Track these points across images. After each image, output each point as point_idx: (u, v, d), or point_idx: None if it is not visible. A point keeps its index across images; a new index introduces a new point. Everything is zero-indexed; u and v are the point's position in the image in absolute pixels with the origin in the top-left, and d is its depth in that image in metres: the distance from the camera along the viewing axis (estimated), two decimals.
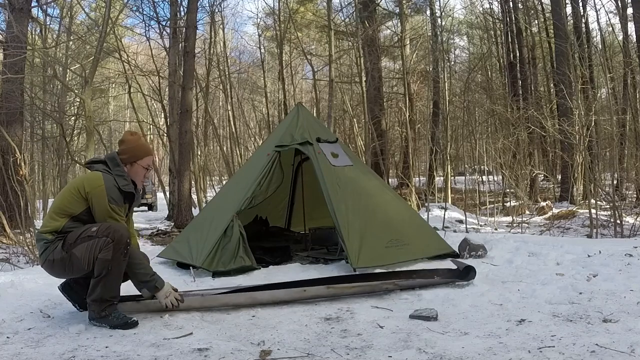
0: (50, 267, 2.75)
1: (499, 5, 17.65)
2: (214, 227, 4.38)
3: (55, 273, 2.79)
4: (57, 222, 2.76)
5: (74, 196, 2.77)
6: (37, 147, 17.77)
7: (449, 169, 15.04)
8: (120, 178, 2.81)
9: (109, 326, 2.65)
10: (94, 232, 2.68)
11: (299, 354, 2.26)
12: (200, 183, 17.14)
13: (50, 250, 2.71)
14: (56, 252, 2.69)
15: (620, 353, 2.07)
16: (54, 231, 2.74)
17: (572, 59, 11.85)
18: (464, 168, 22.83)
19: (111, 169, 2.83)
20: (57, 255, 2.69)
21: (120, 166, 2.86)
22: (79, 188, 2.77)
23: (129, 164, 2.89)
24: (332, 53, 13.36)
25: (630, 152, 11.58)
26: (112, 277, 2.71)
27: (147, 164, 2.95)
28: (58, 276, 2.83)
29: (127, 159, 2.89)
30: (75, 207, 2.76)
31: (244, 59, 23.50)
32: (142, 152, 2.94)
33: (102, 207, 2.74)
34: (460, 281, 3.37)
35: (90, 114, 8.97)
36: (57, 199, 2.93)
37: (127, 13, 17.85)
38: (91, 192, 2.74)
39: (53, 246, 2.71)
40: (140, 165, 2.92)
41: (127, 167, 2.89)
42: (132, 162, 2.90)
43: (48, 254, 2.71)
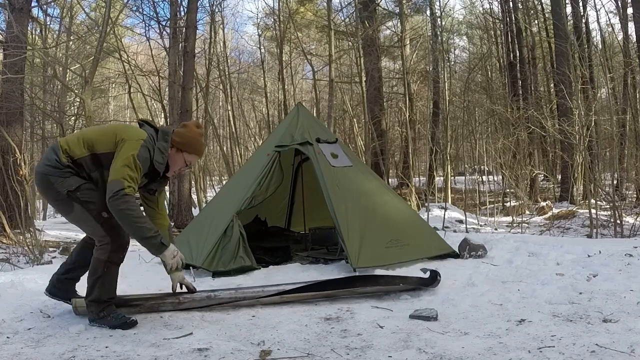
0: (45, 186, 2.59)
1: (499, 5, 17.65)
2: (214, 227, 4.38)
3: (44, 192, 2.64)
4: (79, 150, 2.60)
5: (108, 134, 2.63)
6: (37, 147, 17.76)
7: (449, 169, 15.03)
8: (158, 153, 2.66)
9: (108, 327, 2.63)
10: (103, 220, 2.58)
11: (299, 354, 2.26)
12: (200, 183, 17.14)
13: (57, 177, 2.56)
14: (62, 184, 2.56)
15: (620, 353, 2.07)
16: (71, 156, 2.59)
17: (572, 59, 11.84)
18: (464, 168, 22.83)
19: (156, 141, 2.69)
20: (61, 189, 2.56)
21: (167, 144, 2.71)
22: (117, 132, 2.64)
23: (177, 149, 2.74)
24: (332, 53, 13.37)
25: (630, 152, 11.58)
26: (109, 277, 2.67)
27: (190, 161, 2.81)
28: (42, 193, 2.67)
29: (178, 143, 2.74)
30: (102, 145, 2.60)
31: (244, 59, 23.51)
32: (195, 148, 2.79)
33: (124, 160, 2.54)
34: (426, 287, 3.29)
35: (90, 114, 8.97)
36: (89, 130, 2.80)
37: (127, 13, 17.85)
38: (125, 140, 2.58)
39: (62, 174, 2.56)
40: (184, 157, 2.77)
41: (172, 150, 2.74)
42: (180, 150, 2.75)
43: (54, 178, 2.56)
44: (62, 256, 7.19)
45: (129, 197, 2.51)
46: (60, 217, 18.36)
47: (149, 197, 2.92)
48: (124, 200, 2.50)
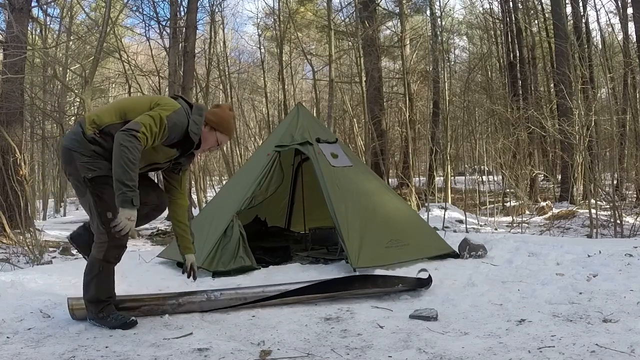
0: (67, 161, 2.55)
1: (499, 5, 17.66)
2: (214, 227, 4.38)
3: (65, 166, 2.59)
4: (109, 117, 2.55)
5: (142, 102, 2.62)
6: (37, 147, 17.78)
7: (449, 169, 15.03)
8: (193, 124, 2.64)
9: (108, 327, 2.63)
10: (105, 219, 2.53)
11: (299, 354, 2.26)
12: (200, 183, 17.15)
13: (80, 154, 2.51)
14: (83, 167, 2.51)
15: (620, 353, 2.07)
16: (99, 125, 2.53)
17: (572, 59, 11.84)
18: (464, 168, 22.83)
19: (191, 114, 2.66)
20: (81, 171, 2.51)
21: (202, 118, 2.69)
22: (152, 99, 2.64)
23: (210, 127, 2.73)
24: (332, 53, 13.37)
25: (630, 152, 11.57)
26: (104, 276, 2.63)
27: (222, 140, 2.80)
28: (63, 167, 2.63)
29: (212, 121, 2.72)
30: (135, 112, 2.55)
31: (244, 59, 23.51)
32: (227, 129, 2.78)
33: (152, 114, 2.50)
34: (421, 288, 3.28)
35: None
36: (122, 100, 2.79)
37: (127, 13, 17.84)
38: (160, 104, 2.57)
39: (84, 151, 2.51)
40: (217, 136, 2.75)
41: (205, 128, 2.72)
42: (213, 128, 2.73)
43: (77, 155, 2.51)
44: (62, 256, 7.20)
45: (137, 141, 2.43)
46: (60, 217, 18.39)
47: (173, 176, 2.90)
48: (130, 140, 2.42)
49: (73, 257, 7.24)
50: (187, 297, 3.00)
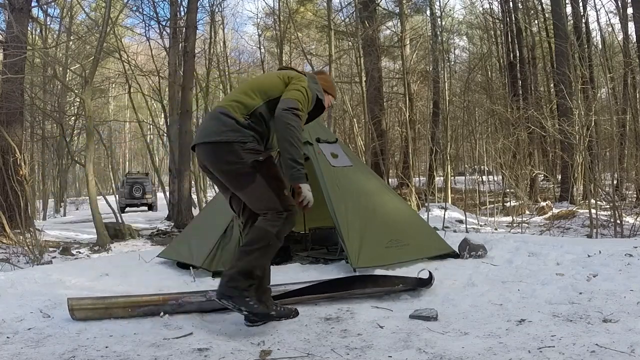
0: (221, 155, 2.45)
1: (499, 5, 17.68)
2: (214, 227, 4.38)
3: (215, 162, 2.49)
4: (253, 100, 2.50)
5: (273, 79, 2.62)
6: (37, 147, 17.80)
7: (449, 169, 15.05)
8: (318, 91, 2.70)
9: (249, 311, 2.40)
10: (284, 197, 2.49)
11: (299, 354, 2.26)
12: (200, 183, 17.16)
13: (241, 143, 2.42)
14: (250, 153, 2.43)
15: (620, 353, 2.07)
16: (247, 112, 2.47)
17: (572, 59, 11.85)
18: (464, 168, 22.85)
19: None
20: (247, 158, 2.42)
21: (319, 85, 2.75)
22: (279, 75, 2.66)
23: (324, 91, 2.82)
24: (332, 53, 13.38)
25: (630, 152, 11.58)
26: (269, 252, 2.49)
27: (330, 102, 2.90)
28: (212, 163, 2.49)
29: (325, 85, 2.82)
30: (274, 89, 2.54)
31: (244, 59, 23.54)
32: (335, 91, 2.95)
33: (299, 88, 2.53)
34: (422, 287, 3.28)
35: (90, 114, 8.98)
36: (249, 83, 2.74)
37: (127, 13, 17.88)
38: (293, 78, 2.61)
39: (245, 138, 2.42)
40: (327, 97, 2.85)
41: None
42: (326, 92, 2.84)
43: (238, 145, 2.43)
44: (62, 256, 7.20)
45: (299, 119, 2.45)
46: (60, 217, 18.38)
47: None
48: (295, 119, 2.43)
49: (73, 257, 7.24)
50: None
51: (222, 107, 2.53)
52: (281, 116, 2.42)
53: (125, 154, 38.76)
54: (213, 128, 2.50)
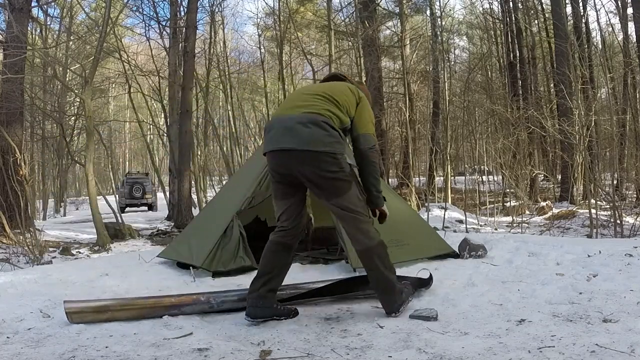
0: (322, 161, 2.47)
1: (499, 5, 17.68)
2: (214, 227, 4.38)
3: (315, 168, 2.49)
4: (346, 117, 2.57)
5: (350, 96, 2.63)
6: (37, 147, 17.81)
7: (449, 169, 15.05)
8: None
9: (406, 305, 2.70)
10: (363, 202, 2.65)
11: (299, 354, 2.26)
12: (200, 183, 17.17)
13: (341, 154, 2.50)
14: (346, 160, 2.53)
15: (620, 353, 2.07)
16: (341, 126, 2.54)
17: (572, 59, 11.85)
18: (464, 168, 22.85)
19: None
20: (346, 166, 2.53)
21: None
22: (354, 91, 2.68)
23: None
24: (332, 53, 13.39)
25: (630, 152, 11.58)
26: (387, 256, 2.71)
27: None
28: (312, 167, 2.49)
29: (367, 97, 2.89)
30: (351, 108, 2.61)
31: (244, 59, 23.57)
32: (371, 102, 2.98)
33: (370, 116, 2.68)
34: (421, 288, 3.27)
35: (90, 114, 8.98)
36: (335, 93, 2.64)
37: (127, 13, 17.89)
38: (362, 98, 2.68)
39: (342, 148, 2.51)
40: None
41: None
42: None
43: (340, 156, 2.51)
44: (62, 256, 7.20)
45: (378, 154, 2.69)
46: (60, 217, 18.39)
47: None
48: (377, 155, 2.69)
49: (73, 257, 7.24)
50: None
51: (323, 116, 2.52)
52: (367, 155, 2.66)
53: (125, 154, 38.77)
54: (319, 137, 2.49)
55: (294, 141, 2.49)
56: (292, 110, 2.59)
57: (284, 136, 2.53)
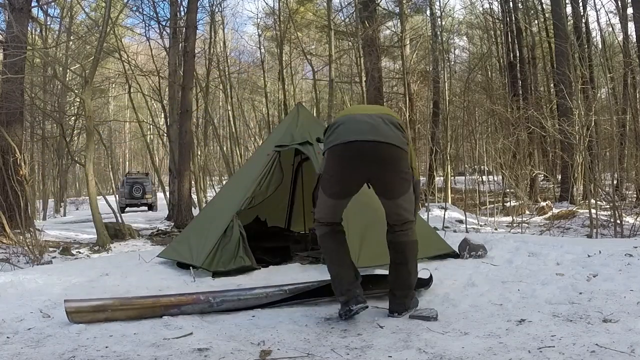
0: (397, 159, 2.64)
1: (499, 5, 17.67)
2: (214, 227, 4.38)
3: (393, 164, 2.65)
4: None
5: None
6: (37, 147, 17.81)
7: (449, 169, 15.05)
8: None
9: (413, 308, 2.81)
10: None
11: (299, 354, 2.26)
12: (200, 183, 17.16)
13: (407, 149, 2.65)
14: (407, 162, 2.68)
15: (620, 353, 2.07)
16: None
17: (572, 59, 11.85)
18: (464, 168, 22.85)
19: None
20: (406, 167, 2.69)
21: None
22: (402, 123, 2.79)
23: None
24: (332, 53, 13.37)
25: (630, 152, 11.57)
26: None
27: None
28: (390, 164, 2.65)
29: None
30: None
31: (244, 59, 23.56)
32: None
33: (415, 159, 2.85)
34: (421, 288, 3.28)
35: (90, 114, 8.98)
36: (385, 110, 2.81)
37: (127, 13, 17.90)
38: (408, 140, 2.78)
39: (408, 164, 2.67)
40: None
41: None
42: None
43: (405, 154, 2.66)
44: (62, 256, 7.20)
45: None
46: (60, 217, 18.40)
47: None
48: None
49: (73, 257, 7.24)
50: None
51: (396, 120, 2.67)
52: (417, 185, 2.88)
53: (125, 154, 38.76)
54: (396, 135, 2.61)
55: (380, 134, 2.55)
56: (367, 111, 2.69)
57: (370, 130, 2.57)
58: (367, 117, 2.64)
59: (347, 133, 2.60)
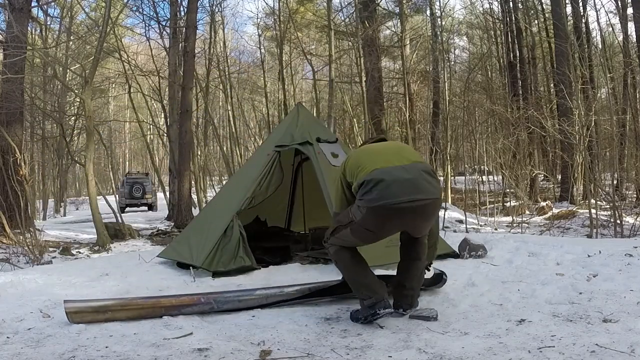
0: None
1: (499, 5, 17.66)
2: (214, 227, 4.38)
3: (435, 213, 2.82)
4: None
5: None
6: (37, 147, 17.79)
7: (449, 169, 15.04)
8: None
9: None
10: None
11: (299, 354, 2.26)
12: (200, 183, 17.15)
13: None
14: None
15: (620, 353, 2.07)
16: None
17: (572, 59, 11.84)
18: (464, 168, 22.84)
19: None
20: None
21: None
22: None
23: None
24: (332, 53, 13.37)
25: (630, 152, 11.57)
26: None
27: None
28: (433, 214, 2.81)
29: None
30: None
31: (244, 59, 23.54)
32: None
33: None
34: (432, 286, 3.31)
35: (90, 114, 8.97)
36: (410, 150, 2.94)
37: (127, 13, 17.89)
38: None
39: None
40: None
41: None
42: None
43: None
44: (62, 256, 7.20)
45: None
46: (60, 217, 18.38)
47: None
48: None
49: (73, 257, 7.24)
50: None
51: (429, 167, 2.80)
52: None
53: (125, 154, 38.75)
54: (435, 187, 2.74)
55: (422, 190, 2.62)
56: (404, 160, 2.70)
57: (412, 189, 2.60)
58: (405, 173, 2.63)
59: (390, 194, 2.57)
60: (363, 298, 2.68)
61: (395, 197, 2.55)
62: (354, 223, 2.67)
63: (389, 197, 2.55)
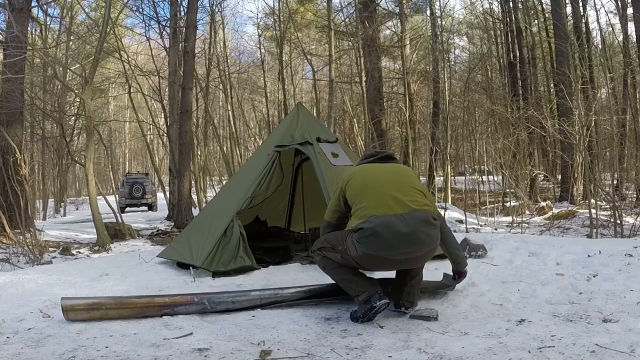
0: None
1: (499, 5, 17.66)
2: (214, 227, 4.38)
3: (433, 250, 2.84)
4: (431, 204, 2.88)
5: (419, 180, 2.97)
6: (37, 147, 17.79)
7: (449, 169, 15.04)
8: None
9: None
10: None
11: (299, 354, 2.26)
12: (200, 183, 17.14)
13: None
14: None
15: (620, 353, 2.07)
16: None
17: (572, 59, 11.84)
18: (464, 168, 22.84)
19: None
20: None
21: None
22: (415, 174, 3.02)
23: None
24: (332, 53, 13.37)
25: (630, 152, 11.57)
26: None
27: None
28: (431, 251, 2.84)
29: None
30: (426, 193, 2.95)
31: (244, 59, 23.55)
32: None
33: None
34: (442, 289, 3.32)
35: (90, 114, 8.96)
36: (414, 182, 2.90)
37: (127, 13, 17.88)
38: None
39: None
40: None
41: None
42: None
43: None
44: (62, 256, 7.20)
45: None
46: (60, 217, 18.39)
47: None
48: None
49: (73, 257, 7.24)
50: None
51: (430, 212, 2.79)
52: (450, 231, 3.10)
53: (125, 154, 38.74)
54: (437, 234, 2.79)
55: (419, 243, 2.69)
56: (405, 207, 2.71)
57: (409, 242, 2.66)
58: (404, 226, 2.64)
59: (387, 247, 2.64)
60: (357, 295, 2.72)
61: (390, 250, 2.65)
62: (347, 254, 2.75)
63: (384, 250, 2.65)
